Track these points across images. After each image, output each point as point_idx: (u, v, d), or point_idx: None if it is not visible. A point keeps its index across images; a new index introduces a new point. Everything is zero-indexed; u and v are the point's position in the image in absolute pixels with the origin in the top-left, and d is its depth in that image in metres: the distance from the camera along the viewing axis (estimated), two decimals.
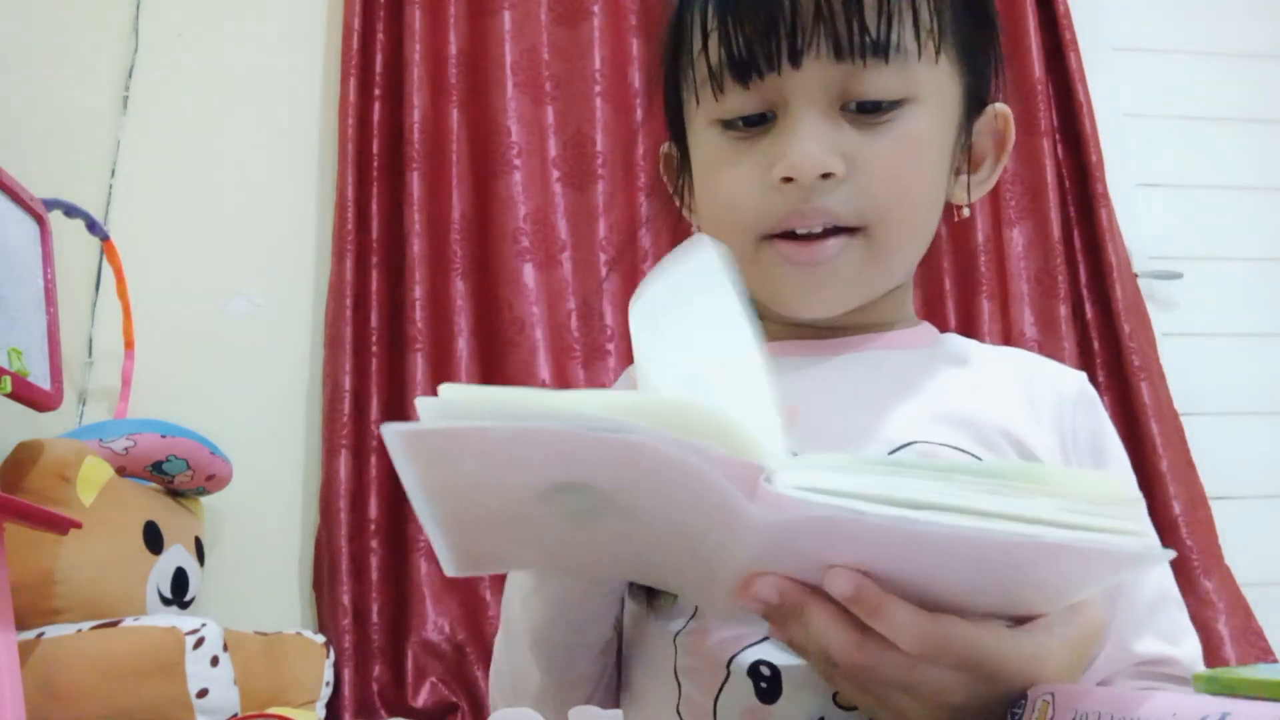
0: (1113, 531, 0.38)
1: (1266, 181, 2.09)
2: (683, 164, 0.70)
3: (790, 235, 0.60)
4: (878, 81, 0.58)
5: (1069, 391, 0.67)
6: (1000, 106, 0.67)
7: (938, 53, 0.59)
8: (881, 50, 0.57)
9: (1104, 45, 2.09)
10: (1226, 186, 2.08)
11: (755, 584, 0.42)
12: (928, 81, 0.59)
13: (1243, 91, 2.13)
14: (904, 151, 0.59)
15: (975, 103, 0.64)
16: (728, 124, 0.61)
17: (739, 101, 0.60)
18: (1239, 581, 1.71)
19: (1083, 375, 0.69)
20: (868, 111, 0.58)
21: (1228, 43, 2.16)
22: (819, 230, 0.59)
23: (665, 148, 0.73)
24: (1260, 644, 1.67)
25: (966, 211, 0.68)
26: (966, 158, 0.66)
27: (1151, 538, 0.40)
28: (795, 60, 0.57)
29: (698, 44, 0.61)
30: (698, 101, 0.63)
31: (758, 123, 0.60)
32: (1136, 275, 1.89)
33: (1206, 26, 2.16)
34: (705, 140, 0.63)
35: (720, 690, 0.56)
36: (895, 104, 0.58)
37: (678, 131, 0.69)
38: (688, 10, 0.62)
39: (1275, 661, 1.49)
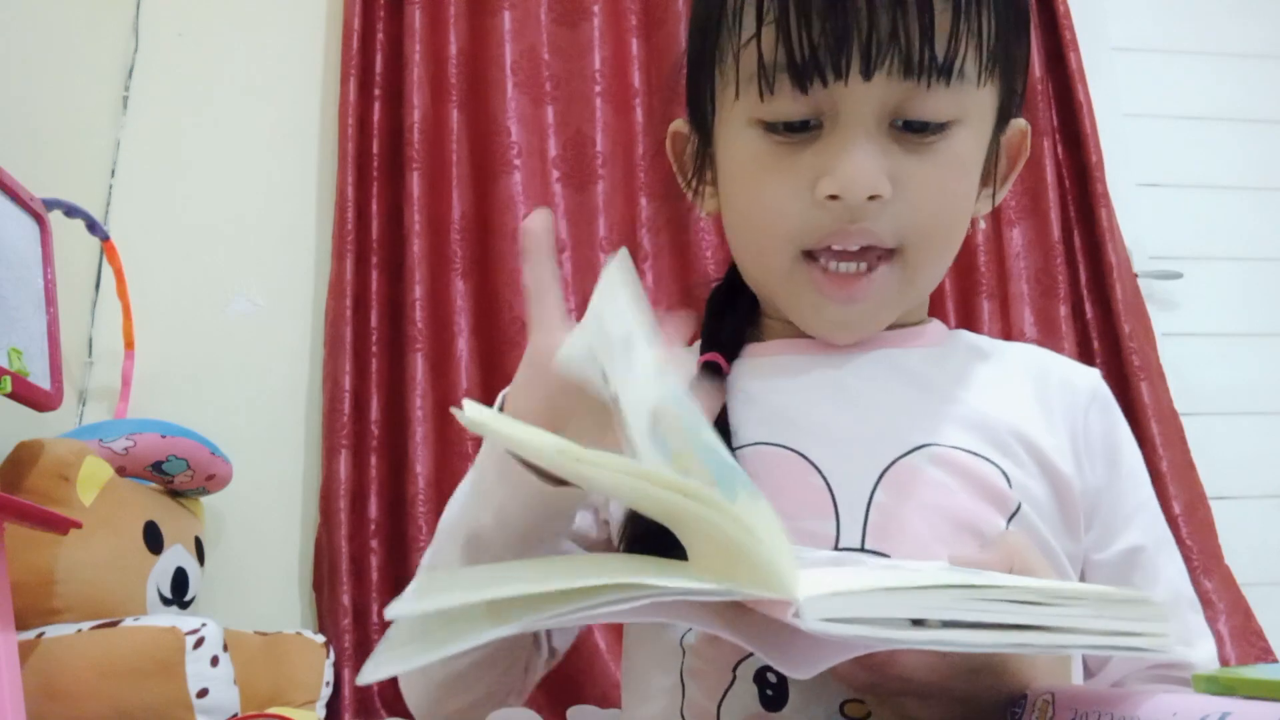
0: (1134, 634, 0.39)
1: (1266, 181, 2.09)
2: (700, 149, 0.68)
3: (828, 254, 0.59)
4: (933, 103, 0.57)
5: (1083, 391, 0.66)
6: (1023, 121, 0.66)
7: (991, 74, 0.58)
8: (946, 73, 0.55)
9: (1104, 45, 2.09)
10: (1226, 186, 2.08)
11: None
12: (975, 103, 0.59)
13: (1243, 91, 2.13)
14: (948, 174, 0.58)
15: (1005, 116, 0.64)
16: (770, 126, 0.59)
17: (788, 105, 0.57)
18: (1239, 581, 1.71)
19: (1096, 373, 0.69)
20: (915, 131, 0.57)
21: (1228, 43, 2.16)
22: (855, 249, 0.59)
23: (677, 125, 0.70)
24: (1260, 644, 1.67)
25: (983, 224, 0.68)
26: (992, 170, 0.65)
27: (1166, 637, 0.41)
28: (867, 73, 0.55)
29: (748, 31, 0.57)
30: (737, 95, 0.60)
31: (801, 129, 0.58)
32: (1136, 275, 1.89)
33: (1206, 26, 2.16)
34: (743, 139, 0.61)
35: (724, 695, 0.56)
36: (943, 125, 0.58)
37: (697, 113, 0.66)
38: None
39: (1275, 661, 1.49)
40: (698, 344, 0.70)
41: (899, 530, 0.56)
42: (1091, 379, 0.68)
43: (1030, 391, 0.65)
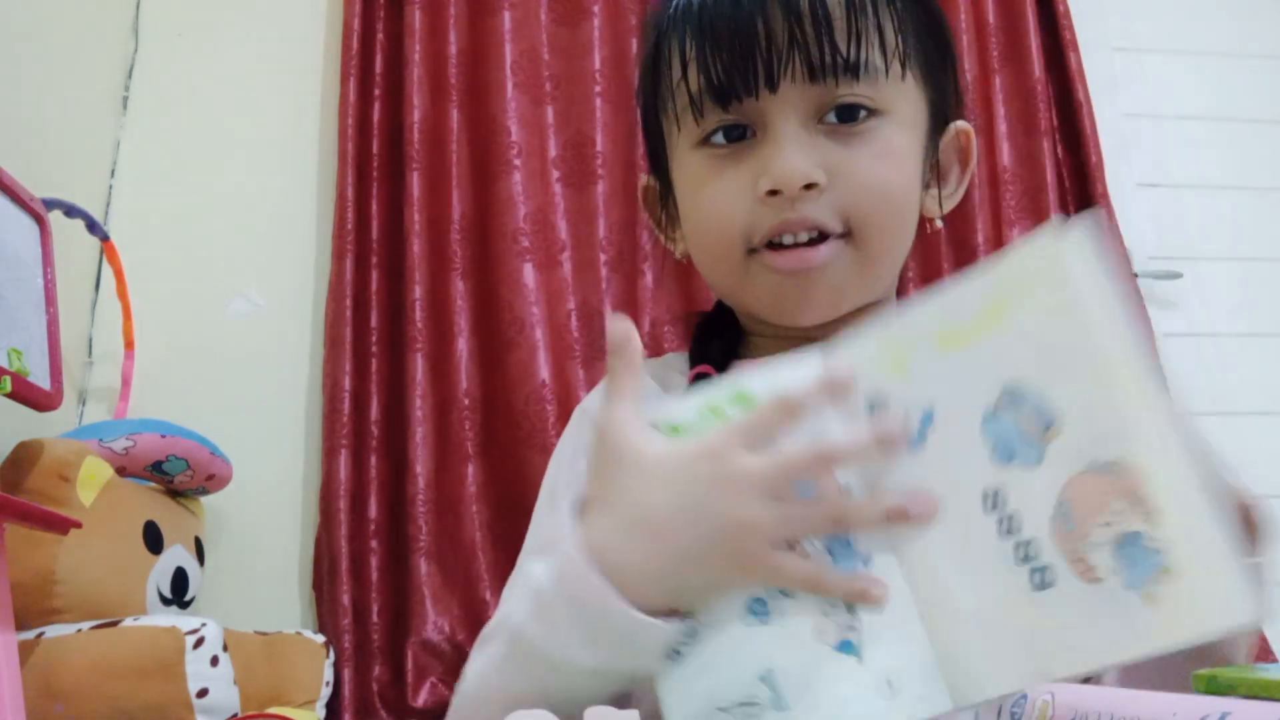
0: None
1: (1266, 181, 2.09)
2: (664, 195, 0.72)
3: (777, 245, 0.62)
4: (851, 95, 0.61)
5: None
6: (962, 124, 0.70)
7: (904, 69, 0.62)
8: (852, 69, 0.60)
9: (1104, 45, 2.09)
10: (1226, 186, 2.08)
11: None
12: (896, 97, 0.62)
13: (1243, 91, 2.13)
14: (880, 160, 0.62)
15: (939, 119, 0.67)
16: (710, 142, 0.63)
17: (719, 119, 0.62)
18: None
19: None
20: (844, 122, 0.61)
21: (1228, 43, 2.16)
22: (805, 240, 0.62)
23: (645, 180, 0.75)
24: (1260, 644, 1.67)
25: (940, 223, 0.70)
26: (935, 172, 0.68)
27: None
28: (772, 85, 0.60)
29: (677, 73, 0.63)
30: (679, 129, 0.65)
31: (738, 138, 0.63)
32: (1136, 275, 1.89)
33: (1206, 26, 2.16)
34: (689, 163, 0.65)
35: None
36: (870, 114, 0.61)
37: (658, 164, 0.72)
38: (665, 43, 0.65)
39: (1275, 661, 1.49)
40: (682, 355, 0.72)
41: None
42: None
43: None
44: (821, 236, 0.62)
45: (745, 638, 0.44)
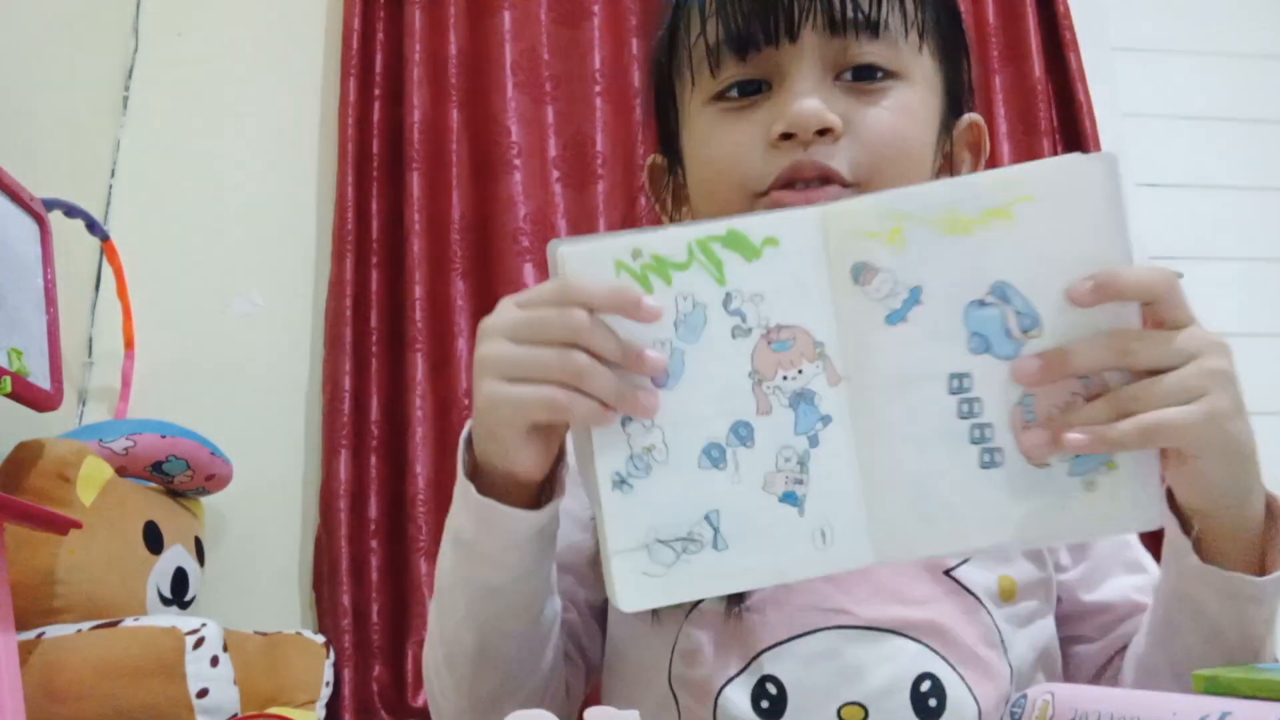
0: None
1: (1266, 181, 2.09)
2: (671, 170, 0.72)
3: (786, 187, 0.61)
4: (871, 56, 0.61)
5: None
6: (975, 116, 0.70)
7: (921, 39, 0.62)
8: (872, 26, 0.60)
9: (1104, 45, 2.09)
10: (1226, 186, 2.08)
11: None
12: (912, 64, 0.62)
13: (1242, 91, 2.13)
14: (898, 117, 0.61)
15: (954, 105, 0.67)
16: (724, 96, 0.63)
17: (735, 72, 0.62)
18: None
19: None
20: (861, 79, 0.61)
21: (1228, 43, 2.16)
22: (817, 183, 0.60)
23: (653, 158, 0.75)
24: None
25: None
26: (948, 161, 0.68)
27: None
28: (792, 33, 0.59)
29: (695, 29, 0.63)
30: (693, 85, 0.64)
31: (753, 92, 0.62)
32: None
33: (1206, 26, 2.16)
34: (701, 117, 0.64)
35: (715, 706, 0.56)
36: (887, 75, 0.61)
37: (666, 139, 0.71)
38: (684, 8, 0.65)
39: (1275, 661, 1.49)
40: None
41: None
42: None
43: None
44: (829, 181, 0.60)
45: (697, 480, 0.47)
